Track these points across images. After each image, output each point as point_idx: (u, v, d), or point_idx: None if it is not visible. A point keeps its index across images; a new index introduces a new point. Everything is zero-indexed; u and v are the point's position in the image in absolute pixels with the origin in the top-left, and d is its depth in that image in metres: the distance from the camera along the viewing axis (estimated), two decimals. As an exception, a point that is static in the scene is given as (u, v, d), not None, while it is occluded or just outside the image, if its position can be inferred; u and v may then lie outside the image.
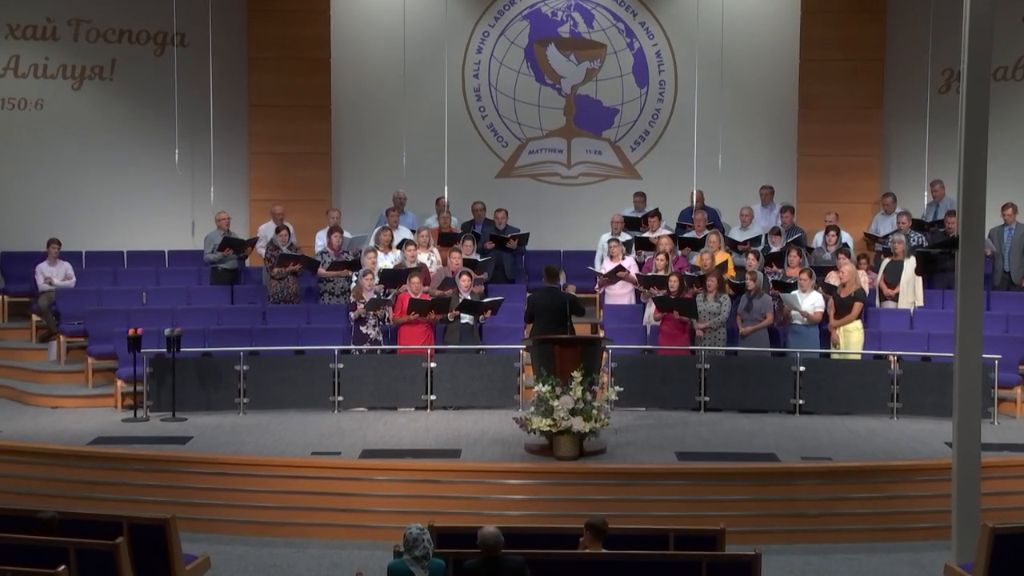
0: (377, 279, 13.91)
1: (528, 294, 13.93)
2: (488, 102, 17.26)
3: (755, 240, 15.04)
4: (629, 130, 17.28)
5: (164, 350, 12.84)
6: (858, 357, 13.41)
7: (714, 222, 15.72)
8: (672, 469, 10.90)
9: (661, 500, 10.55)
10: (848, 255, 14.23)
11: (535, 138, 17.30)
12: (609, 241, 14.91)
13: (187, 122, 16.33)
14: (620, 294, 14.67)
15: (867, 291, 13.84)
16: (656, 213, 15.52)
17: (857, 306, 13.43)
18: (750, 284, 13.63)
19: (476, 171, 16.94)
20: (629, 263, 14.69)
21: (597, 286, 14.94)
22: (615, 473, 10.84)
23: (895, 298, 14.17)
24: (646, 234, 15.30)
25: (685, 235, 15.24)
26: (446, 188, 16.20)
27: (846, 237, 15.16)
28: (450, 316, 13.56)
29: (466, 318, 13.66)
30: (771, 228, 15.31)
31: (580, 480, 10.79)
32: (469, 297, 13.66)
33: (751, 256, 14.05)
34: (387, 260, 14.53)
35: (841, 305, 13.47)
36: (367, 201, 16.77)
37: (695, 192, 15.90)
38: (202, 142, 16.38)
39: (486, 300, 13.79)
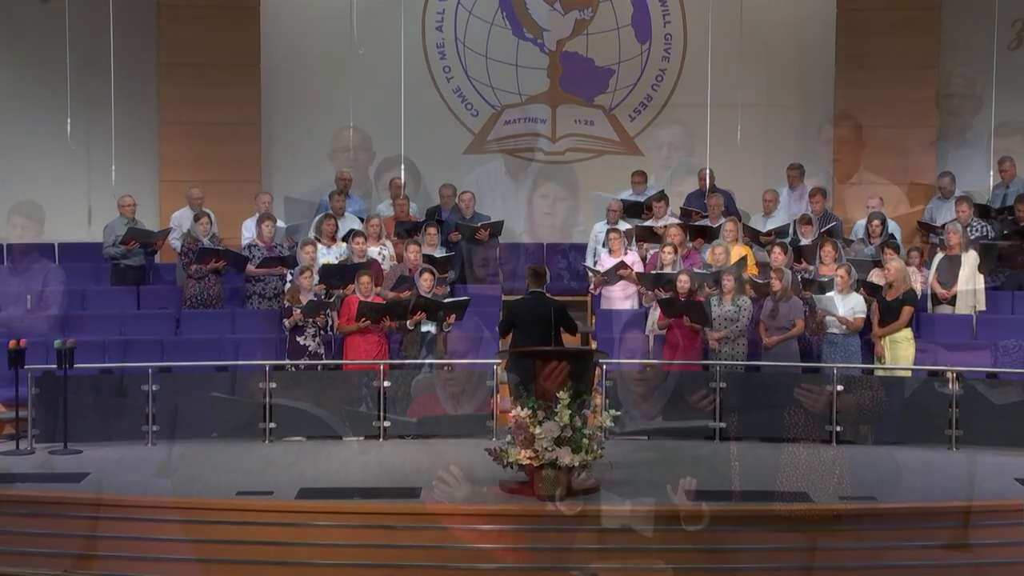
0: (317, 278, 13.89)
1: (504, 298, 13.91)
2: (454, 61, 17.25)
3: (781, 230, 15.08)
4: (627, 95, 17.31)
5: (54, 366, 12.76)
6: (908, 374, 13.44)
7: (728, 208, 15.72)
8: (680, 511, 10.88)
9: (667, 550, 10.53)
10: (896, 249, 14.28)
11: (512, 105, 17.32)
12: (609, 231, 14.91)
13: (81, 85, 16.26)
14: (621, 297, 14.66)
15: (919, 293, 13.89)
16: (662, 197, 15.53)
17: (907, 311, 13.46)
18: (775, 284, 13.65)
19: (440, 146, 16.96)
20: (633, 259, 14.66)
21: (593, 287, 14.92)
22: (610, 516, 10.82)
23: (951, 301, 14.22)
24: (648, 222, 15.31)
25: (698, 223, 15.25)
26: (402, 167, 16.17)
27: (893, 227, 15.21)
28: (409, 324, 13.52)
29: (427, 326, 13.63)
30: (800, 216, 15.33)
31: (567, 525, 10.76)
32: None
33: (776, 250, 14.07)
34: (330, 255, 14.52)
35: (887, 310, 13.50)
36: (305, 183, 16.76)
37: (707, 171, 15.88)
38: (101, 110, 16.29)
39: (447, 301, 13.76)
